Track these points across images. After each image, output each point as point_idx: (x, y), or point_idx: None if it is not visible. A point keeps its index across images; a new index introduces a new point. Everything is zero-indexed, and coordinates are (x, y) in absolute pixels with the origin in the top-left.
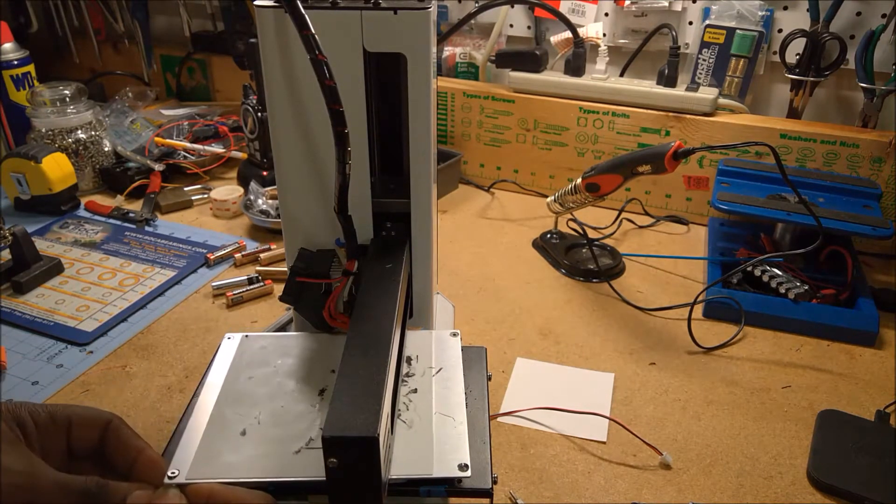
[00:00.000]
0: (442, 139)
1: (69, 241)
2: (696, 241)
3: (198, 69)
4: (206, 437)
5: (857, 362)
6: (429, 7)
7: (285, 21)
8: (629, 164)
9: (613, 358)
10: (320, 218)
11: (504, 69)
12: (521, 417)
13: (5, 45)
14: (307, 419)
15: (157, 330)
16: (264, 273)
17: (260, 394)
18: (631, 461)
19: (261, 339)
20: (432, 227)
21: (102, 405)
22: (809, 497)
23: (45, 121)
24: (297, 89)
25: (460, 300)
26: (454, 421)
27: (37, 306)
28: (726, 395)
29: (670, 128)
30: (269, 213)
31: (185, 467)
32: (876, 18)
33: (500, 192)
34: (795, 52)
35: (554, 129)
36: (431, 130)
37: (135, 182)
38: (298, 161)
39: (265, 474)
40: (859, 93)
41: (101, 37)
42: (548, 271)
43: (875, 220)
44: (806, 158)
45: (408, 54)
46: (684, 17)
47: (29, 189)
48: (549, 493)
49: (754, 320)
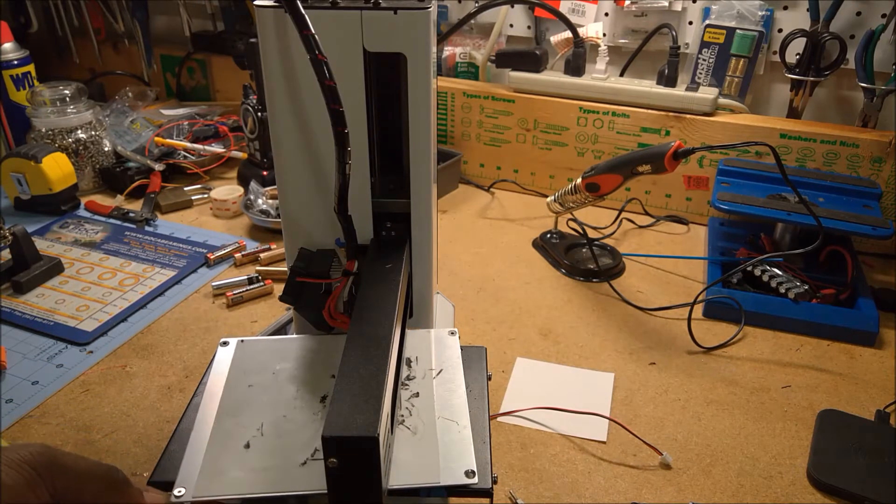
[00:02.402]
0: (442, 139)
1: (69, 241)
2: (696, 241)
3: (198, 69)
4: (209, 452)
5: (857, 362)
6: (429, 7)
7: (285, 21)
8: (629, 164)
9: (613, 358)
10: (320, 218)
11: (504, 69)
12: (521, 417)
13: (5, 45)
14: (311, 428)
15: (157, 330)
16: (264, 273)
17: (261, 403)
18: (631, 461)
19: (258, 344)
20: (432, 227)
21: (102, 405)
22: (809, 497)
23: (45, 121)
24: (297, 89)
25: (460, 300)
26: (458, 425)
27: (37, 306)
28: (726, 395)
29: (670, 128)
30: (269, 213)
31: (190, 484)
32: (876, 18)
33: (500, 192)
34: (795, 51)
35: (554, 129)
36: (431, 130)
37: (135, 182)
38: (298, 161)
39: (273, 489)
40: (859, 93)
41: (101, 37)
42: (548, 271)
43: (875, 220)
44: (806, 158)
45: (408, 54)
46: (684, 16)
47: (29, 189)
48: (549, 493)
49: (754, 320)
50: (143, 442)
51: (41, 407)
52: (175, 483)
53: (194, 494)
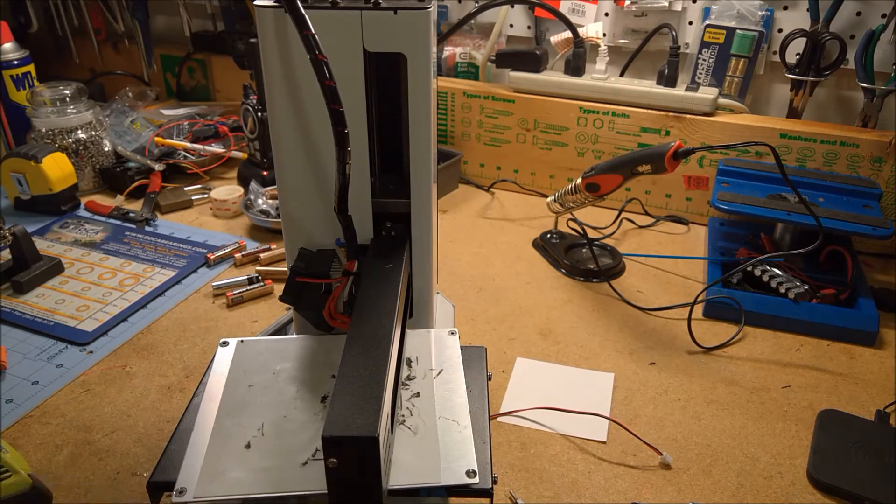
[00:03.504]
0: (442, 139)
1: (69, 241)
2: (696, 241)
3: (198, 69)
4: (210, 452)
5: (857, 362)
6: (429, 7)
7: (285, 21)
8: (629, 164)
9: (613, 358)
10: (320, 218)
11: (504, 69)
12: (521, 417)
13: (5, 45)
14: (311, 429)
15: (157, 330)
16: (264, 273)
17: (261, 403)
18: (631, 461)
19: (258, 344)
20: (432, 227)
21: (102, 405)
22: (809, 497)
23: (45, 121)
24: (297, 89)
25: (460, 300)
26: (458, 425)
27: (37, 306)
28: (726, 395)
29: (670, 128)
30: (269, 213)
31: (191, 485)
32: (876, 18)
33: (500, 192)
34: (795, 52)
35: (554, 129)
36: (431, 130)
37: (135, 182)
38: (298, 161)
39: (274, 489)
40: (859, 93)
41: (101, 37)
42: (548, 271)
43: (875, 220)
44: (806, 158)
45: (408, 54)
46: (684, 17)
47: (29, 189)
48: (549, 492)
49: (754, 320)
50: (143, 442)
51: (41, 407)
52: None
53: (195, 495)
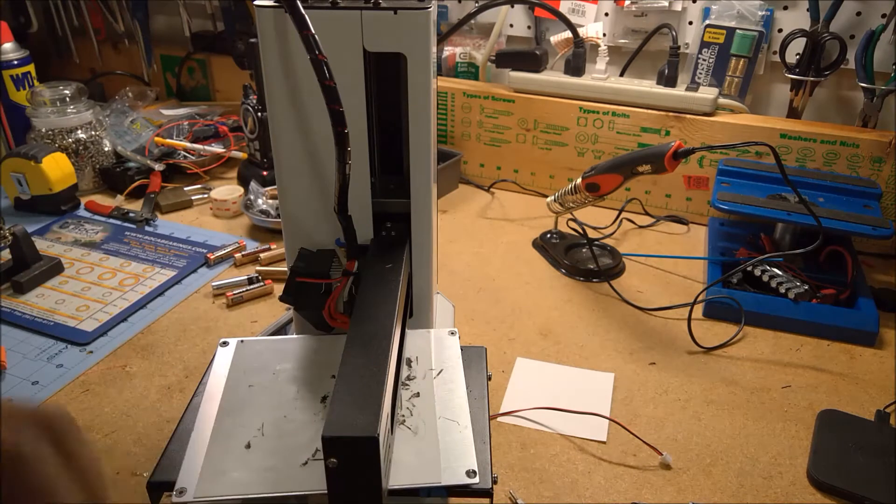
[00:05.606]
0: (442, 139)
1: (69, 241)
2: (696, 241)
3: (198, 69)
4: (210, 452)
5: (857, 362)
6: (429, 7)
7: (285, 21)
8: (629, 164)
9: (613, 358)
10: (320, 218)
11: (504, 69)
12: (521, 417)
13: (5, 45)
14: (311, 429)
15: (157, 330)
16: (264, 273)
17: (261, 403)
18: (631, 461)
19: (258, 344)
20: (432, 227)
21: (102, 405)
22: (809, 497)
23: (45, 121)
24: (297, 89)
25: (460, 300)
26: (458, 425)
27: (37, 306)
28: (726, 395)
29: (670, 128)
30: (269, 213)
31: (191, 485)
32: (876, 18)
33: (500, 192)
34: (795, 51)
35: (554, 129)
36: (431, 130)
37: (135, 182)
38: (298, 161)
39: (274, 489)
40: (859, 93)
41: (101, 37)
42: (548, 271)
43: (875, 220)
44: (806, 158)
45: (408, 54)
46: (684, 17)
47: (29, 189)
48: (549, 492)
49: (754, 320)
50: (143, 442)
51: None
52: (176, 483)
53: (195, 495)
